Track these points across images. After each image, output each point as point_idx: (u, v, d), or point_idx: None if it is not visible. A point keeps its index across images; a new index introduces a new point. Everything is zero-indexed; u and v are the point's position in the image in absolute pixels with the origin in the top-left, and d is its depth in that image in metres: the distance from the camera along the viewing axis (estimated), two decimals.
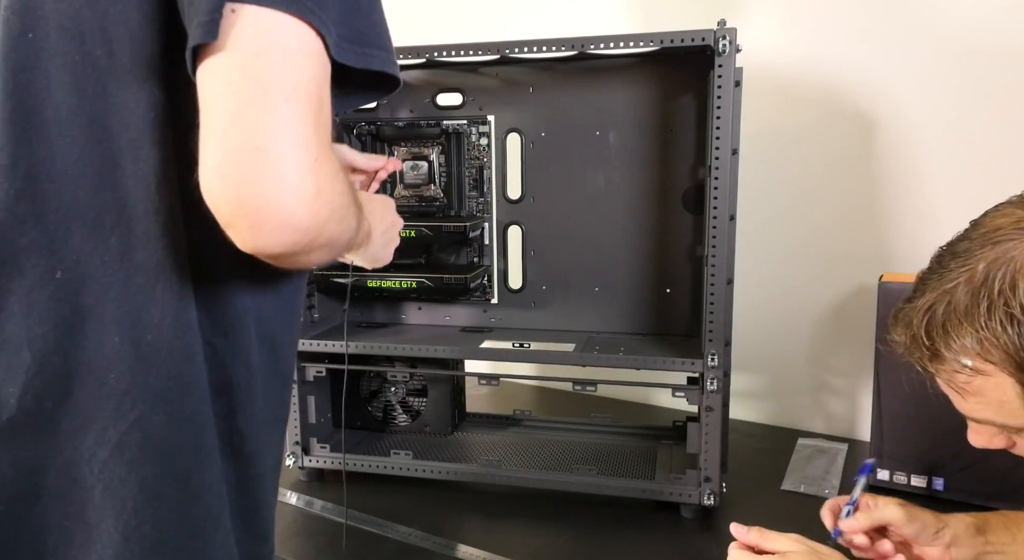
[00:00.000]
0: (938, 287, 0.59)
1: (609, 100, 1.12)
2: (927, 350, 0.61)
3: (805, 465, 1.20)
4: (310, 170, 0.48)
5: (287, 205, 0.47)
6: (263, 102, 0.47)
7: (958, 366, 0.59)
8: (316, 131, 0.49)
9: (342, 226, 0.53)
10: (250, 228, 0.48)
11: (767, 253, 1.35)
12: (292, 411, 1.15)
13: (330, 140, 0.51)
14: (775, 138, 1.31)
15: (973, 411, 0.62)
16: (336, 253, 0.57)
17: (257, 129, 0.46)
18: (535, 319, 1.21)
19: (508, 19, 1.53)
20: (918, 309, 0.61)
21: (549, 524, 1.04)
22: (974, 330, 0.57)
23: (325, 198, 0.49)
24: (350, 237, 0.56)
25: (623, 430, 1.27)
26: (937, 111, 1.19)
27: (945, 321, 0.58)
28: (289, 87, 0.47)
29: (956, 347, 0.58)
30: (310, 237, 0.49)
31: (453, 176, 1.19)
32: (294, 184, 0.47)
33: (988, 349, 0.57)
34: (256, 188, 0.47)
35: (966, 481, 1.04)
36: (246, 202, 0.47)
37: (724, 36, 0.92)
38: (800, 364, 1.37)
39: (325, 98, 0.51)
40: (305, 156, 0.48)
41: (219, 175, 0.47)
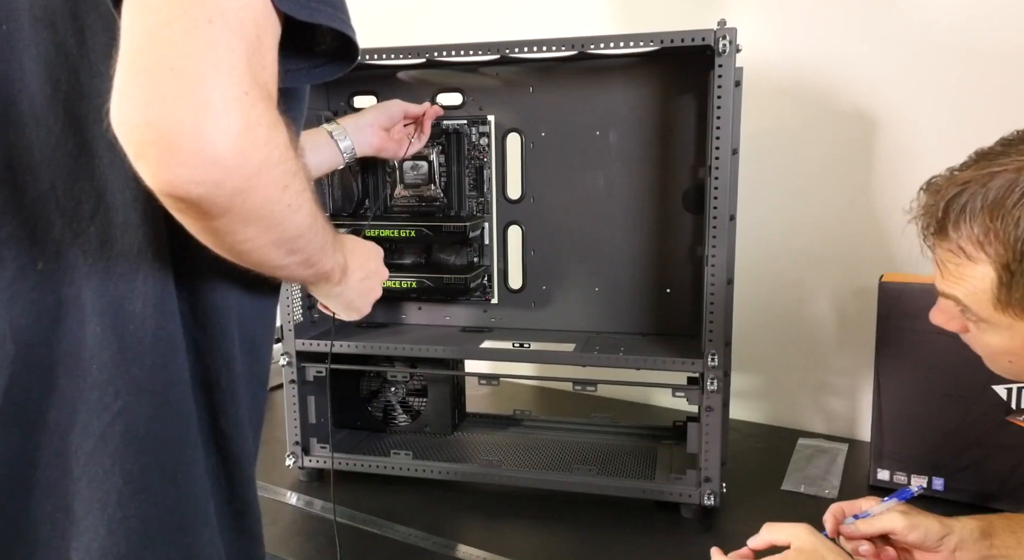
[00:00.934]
0: (985, 167, 0.59)
1: (609, 100, 1.12)
2: (936, 223, 0.61)
3: (805, 465, 1.20)
4: (235, 99, 0.42)
5: (204, 130, 0.41)
6: (182, 20, 0.41)
7: (955, 248, 0.60)
8: (248, 64, 0.43)
9: (288, 195, 0.48)
10: (160, 156, 0.41)
11: (767, 253, 1.35)
12: (292, 411, 1.15)
13: (272, 88, 0.46)
14: (775, 138, 1.31)
15: (947, 287, 0.63)
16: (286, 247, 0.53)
17: (172, 47, 0.41)
18: (535, 319, 1.21)
19: (508, 19, 1.53)
20: (954, 181, 0.61)
21: (549, 524, 1.04)
22: (989, 219, 0.57)
23: (256, 138, 0.43)
24: (307, 234, 0.54)
25: (623, 430, 1.27)
26: (937, 110, 1.19)
27: (968, 201, 0.58)
28: (215, 8, 0.42)
29: (963, 229, 0.59)
30: (234, 180, 0.43)
31: (453, 176, 1.19)
32: (215, 108, 0.41)
33: (990, 240, 0.57)
34: (168, 108, 0.41)
35: (966, 481, 1.04)
36: (157, 125, 0.41)
37: (724, 36, 0.92)
38: (800, 364, 1.37)
39: (264, 39, 0.45)
40: (230, 83, 0.42)
41: (128, 96, 0.42)
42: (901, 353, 1.05)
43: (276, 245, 0.52)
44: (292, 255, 0.55)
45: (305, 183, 0.52)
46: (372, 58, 1.06)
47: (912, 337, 1.04)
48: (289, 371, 1.14)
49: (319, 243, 0.57)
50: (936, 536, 0.73)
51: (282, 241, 0.52)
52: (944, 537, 0.73)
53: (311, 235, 0.55)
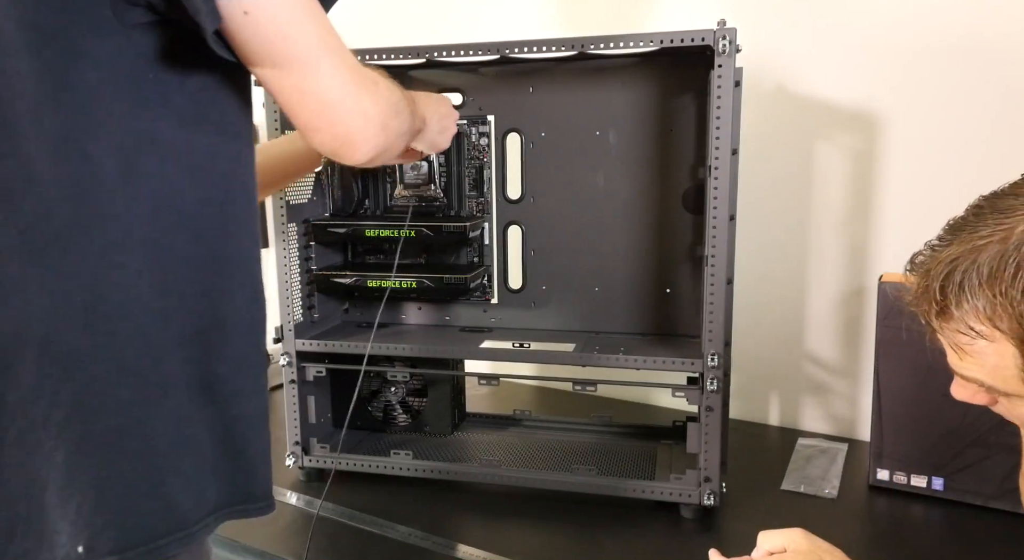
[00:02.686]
0: (968, 241, 0.56)
1: (609, 100, 1.12)
2: (937, 305, 0.58)
3: (805, 465, 1.20)
4: (361, 95, 0.64)
5: (361, 128, 0.64)
6: (311, 73, 0.61)
7: (964, 327, 0.57)
8: (346, 63, 0.63)
9: (400, 118, 0.70)
10: (352, 151, 0.65)
11: (767, 253, 1.35)
12: (292, 411, 1.15)
13: (354, 58, 0.64)
14: (775, 138, 1.31)
15: (965, 370, 0.60)
16: (406, 140, 0.75)
17: (318, 94, 0.62)
18: (535, 319, 1.21)
19: (508, 19, 1.53)
20: (940, 260, 0.58)
21: (549, 524, 1.04)
22: (992, 294, 0.54)
23: (379, 102, 0.65)
24: (409, 124, 0.74)
25: (623, 430, 1.27)
26: (937, 110, 1.19)
27: (964, 279, 0.56)
28: (318, 50, 0.61)
29: (968, 308, 0.56)
30: (384, 135, 0.66)
31: (453, 176, 1.19)
32: (357, 109, 0.64)
33: (1000, 315, 0.54)
34: (340, 128, 0.64)
35: (966, 481, 1.04)
36: (343, 141, 0.65)
37: (724, 36, 0.92)
38: (800, 364, 1.37)
39: (333, 30, 0.63)
40: (352, 87, 0.63)
41: (315, 131, 0.64)
42: (901, 353, 1.05)
43: (403, 142, 0.74)
44: (404, 139, 0.75)
45: (400, 92, 0.72)
46: (372, 58, 1.06)
47: (912, 337, 1.04)
48: (289, 371, 1.14)
49: (413, 120, 0.77)
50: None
51: (405, 137, 0.74)
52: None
53: (411, 120, 0.75)
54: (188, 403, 0.62)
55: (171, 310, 0.61)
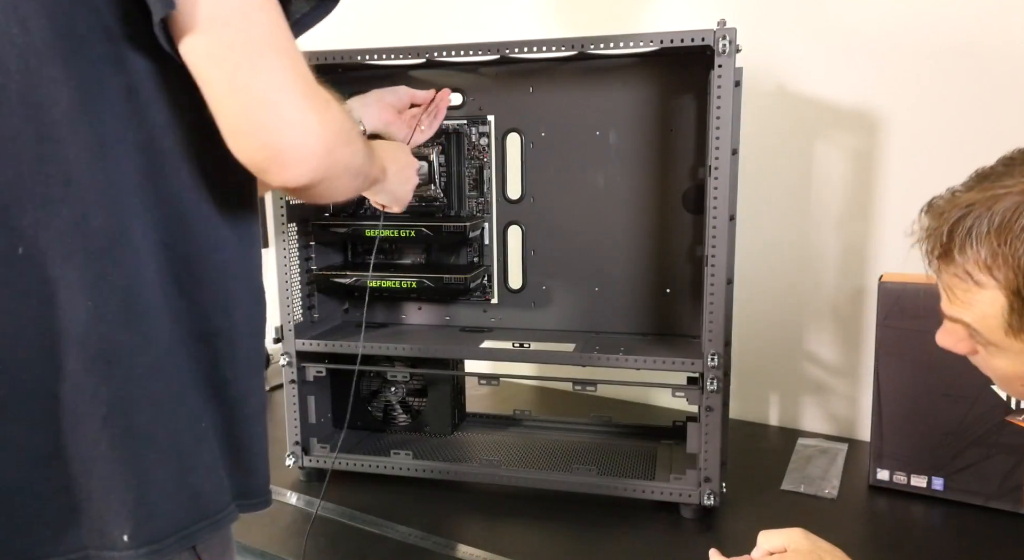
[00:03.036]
0: (989, 189, 0.57)
1: (609, 100, 1.12)
2: (941, 247, 0.59)
3: (805, 465, 1.20)
4: (307, 107, 0.56)
5: (300, 143, 0.56)
6: (248, 64, 0.54)
7: (961, 272, 0.58)
8: (296, 68, 0.57)
9: (351, 149, 0.62)
10: (280, 168, 0.57)
11: (767, 253, 1.35)
12: (292, 411, 1.15)
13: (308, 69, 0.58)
14: (775, 138, 1.31)
15: (954, 312, 0.62)
16: (355, 178, 0.66)
17: (251, 89, 0.54)
18: (535, 319, 1.21)
19: (508, 19, 1.53)
20: (958, 203, 0.59)
21: (549, 524, 1.04)
22: (997, 243, 0.55)
23: (328, 123, 0.58)
24: (362, 164, 0.67)
25: (623, 430, 1.27)
26: (937, 110, 1.19)
27: (974, 225, 0.57)
28: (262, 43, 0.55)
29: (970, 254, 0.57)
30: (327, 161, 0.58)
31: (453, 176, 1.19)
32: (297, 120, 0.56)
33: (999, 264, 0.56)
34: (271, 136, 0.55)
35: (966, 481, 1.04)
36: (268, 148, 0.56)
37: (724, 36, 0.92)
38: (800, 364, 1.37)
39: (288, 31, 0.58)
40: (297, 95, 0.56)
41: (239, 134, 0.56)
42: (901, 353, 1.05)
43: (353, 184, 0.67)
44: (359, 180, 0.69)
45: (352, 123, 0.65)
46: (372, 58, 1.06)
47: (912, 337, 1.04)
48: (289, 371, 1.14)
49: (370, 163, 0.71)
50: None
51: (356, 178, 0.66)
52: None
53: (364, 159, 0.68)
54: (200, 402, 0.64)
55: (184, 312, 0.62)
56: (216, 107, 0.56)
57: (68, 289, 0.56)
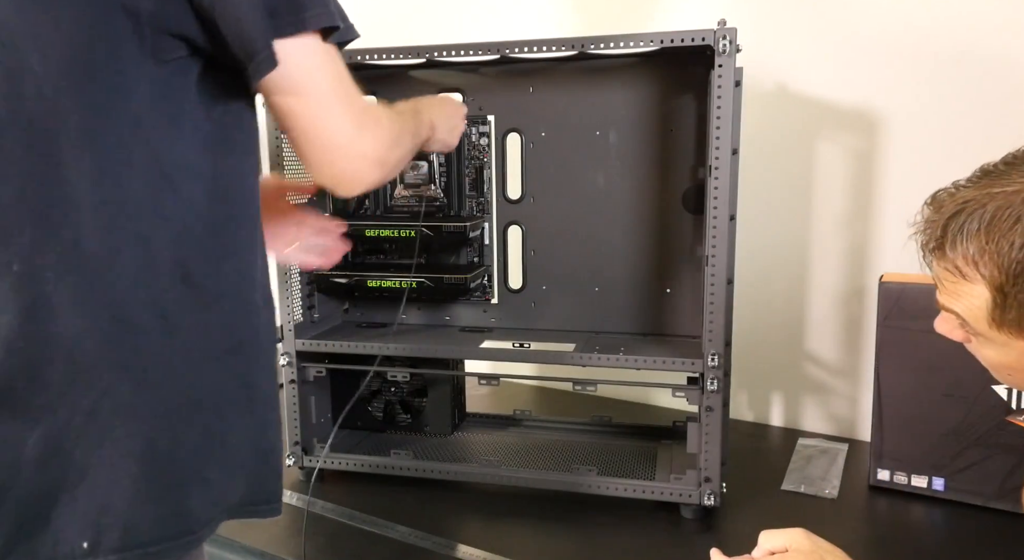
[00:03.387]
0: (988, 186, 0.59)
1: (609, 100, 1.12)
2: (935, 241, 0.62)
3: (805, 465, 1.20)
4: (360, 138, 0.67)
5: (358, 169, 0.68)
6: (315, 120, 0.65)
7: (951, 267, 0.61)
8: (351, 108, 0.66)
9: (400, 147, 0.76)
10: (347, 189, 0.70)
11: (767, 253, 1.35)
12: (292, 411, 1.15)
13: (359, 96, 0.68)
14: (775, 138, 1.31)
15: (946, 302, 0.64)
16: (410, 156, 0.82)
17: (320, 138, 0.66)
18: (535, 319, 1.21)
19: (508, 19, 1.53)
20: (956, 199, 0.61)
21: (549, 524, 1.04)
22: (984, 241, 0.57)
23: (378, 140, 0.69)
24: (412, 146, 0.82)
25: (623, 430, 1.27)
26: (937, 110, 1.19)
27: (966, 222, 0.59)
28: (326, 100, 0.64)
29: (959, 249, 0.59)
30: (383, 171, 0.71)
31: (453, 176, 1.19)
32: (356, 154, 0.67)
33: (985, 261, 0.58)
34: (336, 169, 0.68)
35: (966, 481, 1.04)
36: (340, 180, 0.69)
37: (724, 36, 0.91)
38: (800, 364, 1.37)
39: (343, 72, 0.66)
40: (352, 132, 0.66)
41: (314, 167, 0.67)
42: (901, 353, 1.05)
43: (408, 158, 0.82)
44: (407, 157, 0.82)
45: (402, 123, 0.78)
46: (372, 58, 1.06)
47: (912, 337, 1.04)
48: (289, 371, 1.14)
49: (420, 134, 0.87)
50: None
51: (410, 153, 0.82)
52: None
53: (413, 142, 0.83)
54: (229, 411, 0.66)
55: (211, 324, 0.64)
56: (297, 146, 0.67)
57: (61, 306, 0.57)
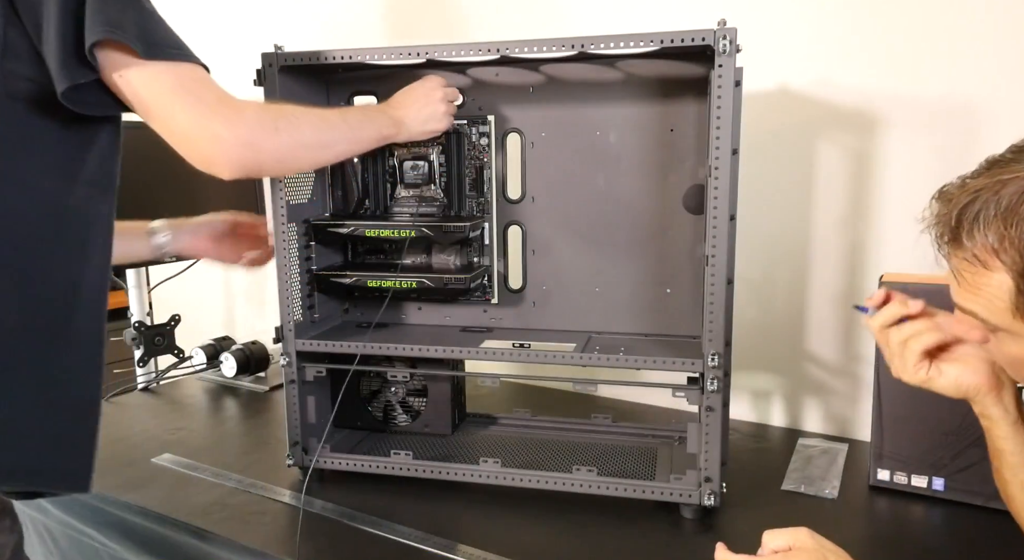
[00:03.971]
0: (996, 174, 0.59)
1: (609, 100, 1.12)
2: (950, 232, 0.61)
3: (805, 465, 1.20)
4: (210, 125, 0.78)
5: (216, 151, 0.79)
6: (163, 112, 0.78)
7: (970, 256, 0.59)
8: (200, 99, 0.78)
9: (291, 131, 0.85)
10: (218, 171, 0.80)
11: (767, 253, 1.35)
12: (292, 411, 1.15)
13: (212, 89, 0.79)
14: (775, 138, 1.31)
15: (964, 300, 0.63)
16: (324, 149, 0.93)
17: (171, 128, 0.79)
18: (535, 319, 1.21)
19: (508, 19, 1.53)
20: (967, 189, 0.60)
21: (549, 524, 1.04)
22: (1003, 227, 0.56)
23: (240, 128, 0.80)
24: (327, 135, 0.92)
25: (623, 430, 1.27)
26: (937, 110, 1.19)
27: (981, 209, 0.58)
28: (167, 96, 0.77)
29: (977, 237, 0.58)
30: (250, 151, 0.81)
31: (453, 176, 1.19)
32: (208, 136, 0.78)
33: (1006, 248, 0.57)
34: (194, 154, 0.80)
35: (967, 481, 1.04)
36: (203, 162, 0.80)
37: (724, 36, 0.91)
38: (800, 364, 1.37)
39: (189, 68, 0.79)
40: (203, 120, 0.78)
41: (186, 156, 0.80)
42: None
43: (326, 153, 0.94)
44: (328, 148, 0.93)
45: (292, 112, 0.87)
46: (372, 58, 1.05)
47: None
48: (289, 371, 1.14)
49: (347, 129, 0.95)
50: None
51: (326, 148, 0.92)
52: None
53: (331, 130, 0.92)
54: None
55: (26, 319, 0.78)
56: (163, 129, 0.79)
57: None
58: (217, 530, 1.03)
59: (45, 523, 1.25)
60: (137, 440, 1.35)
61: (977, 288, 0.61)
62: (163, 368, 1.71)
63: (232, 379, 1.66)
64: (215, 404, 1.57)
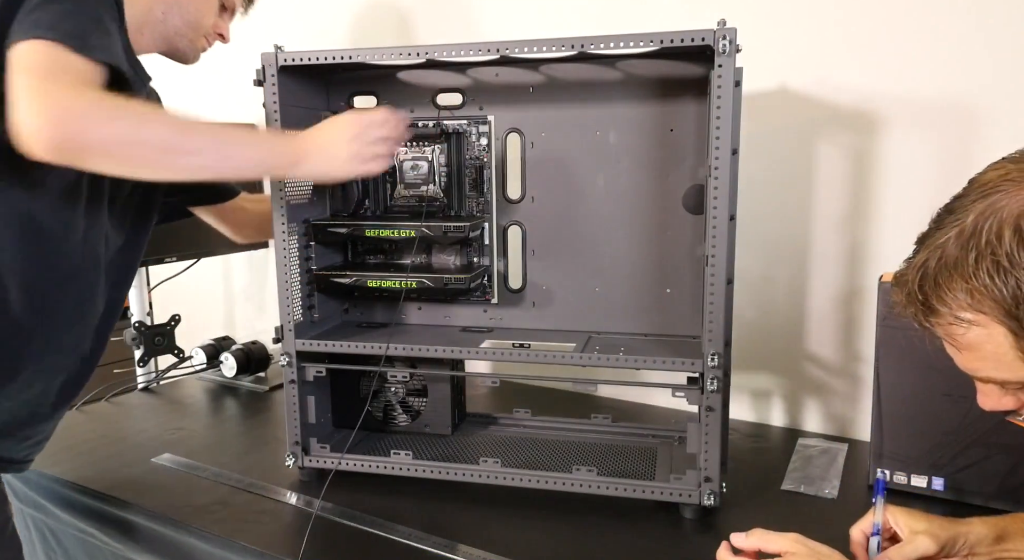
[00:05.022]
0: (932, 244, 0.61)
1: (609, 100, 1.12)
2: (922, 306, 0.62)
3: (805, 465, 1.20)
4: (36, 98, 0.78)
5: (26, 122, 0.78)
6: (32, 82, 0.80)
7: (952, 319, 0.60)
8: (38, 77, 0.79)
9: (119, 127, 0.82)
10: (22, 142, 0.79)
11: (767, 253, 1.35)
12: (292, 411, 1.15)
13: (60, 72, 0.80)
14: (775, 138, 1.31)
15: (973, 367, 0.63)
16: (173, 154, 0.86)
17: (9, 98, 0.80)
18: (535, 319, 1.21)
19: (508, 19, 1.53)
20: (913, 266, 0.62)
21: (549, 524, 1.04)
22: (964, 281, 0.58)
23: (57, 104, 0.78)
24: (173, 139, 0.85)
25: (623, 430, 1.27)
26: (937, 110, 1.19)
27: (936, 275, 0.59)
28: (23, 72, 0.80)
29: (949, 300, 0.59)
30: (62, 133, 0.78)
31: (453, 176, 1.19)
32: (24, 108, 0.78)
33: (979, 299, 0.57)
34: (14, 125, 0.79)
35: (966, 481, 1.04)
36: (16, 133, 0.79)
37: (724, 36, 0.91)
38: (800, 364, 1.37)
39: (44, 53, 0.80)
40: (29, 92, 0.79)
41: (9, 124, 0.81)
42: (901, 353, 1.05)
43: (153, 153, 0.84)
44: (184, 156, 0.86)
45: (146, 110, 0.89)
46: (372, 58, 1.05)
47: (912, 337, 1.03)
48: (289, 371, 1.14)
49: (215, 143, 0.88)
50: (957, 545, 0.74)
51: (154, 149, 0.84)
52: (961, 544, 0.75)
53: (192, 138, 0.87)
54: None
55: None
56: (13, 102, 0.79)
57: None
58: (217, 530, 1.03)
59: (46, 522, 1.25)
60: (137, 440, 1.35)
61: (977, 348, 0.60)
62: (163, 368, 1.71)
63: (232, 379, 1.66)
64: (215, 404, 1.57)
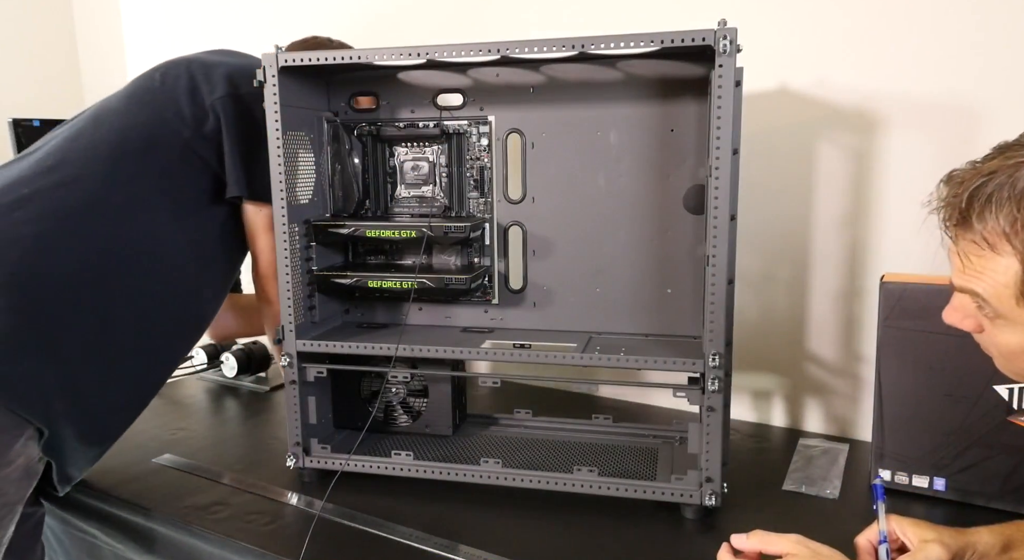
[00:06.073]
0: (1011, 157, 0.58)
1: (609, 100, 1.12)
2: (960, 213, 0.59)
3: (806, 465, 1.20)
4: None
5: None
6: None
7: (978, 238, 0.58)
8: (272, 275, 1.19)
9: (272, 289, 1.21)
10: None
11: (768, 253, 1.35)
12: (293, 412, 1.15)
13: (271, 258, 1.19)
14: (775, 138, 1.31)
15: (967, 282, 0.61)
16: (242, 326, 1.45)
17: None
18: (536, 319, 1.21)
19: (508, 19, 1.53)
20: (979, 171, 0.59)
21: (549, 524, 1.04)
22: (1016, 210, 0.55)
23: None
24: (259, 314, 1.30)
25: (624, 430, 1.27)
26: (937, 110, 1.19)
27: (994, 191, 0.57)
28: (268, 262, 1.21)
29: (989, 219, 0.57)
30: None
31: (454, 176, 1.19)
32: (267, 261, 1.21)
33: (1017, 231, 0.56)
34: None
35: (967, 481, 1.04)
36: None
37: (725, 36, 0.91)
38: (801, 364, 1.37)
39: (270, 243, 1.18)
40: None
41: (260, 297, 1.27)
42: (902, 353, 1.05)
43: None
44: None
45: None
46: (373, 59, 1.06)
47: (913, 337, 1.04)
48: (290, 372, 1.14)
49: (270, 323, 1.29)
50: (967, 555, 0.73)
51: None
52: (971, 554, 0.73)
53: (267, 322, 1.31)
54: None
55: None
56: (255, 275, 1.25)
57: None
58: (217, 530, 1.03)
59: (48, 522, 1.25)
60: (137, 440, 1.35)
61: (982, 272, 0.59)
62: None
63: (233, 379, 1.66)
64: (216, 404, 1.58)
